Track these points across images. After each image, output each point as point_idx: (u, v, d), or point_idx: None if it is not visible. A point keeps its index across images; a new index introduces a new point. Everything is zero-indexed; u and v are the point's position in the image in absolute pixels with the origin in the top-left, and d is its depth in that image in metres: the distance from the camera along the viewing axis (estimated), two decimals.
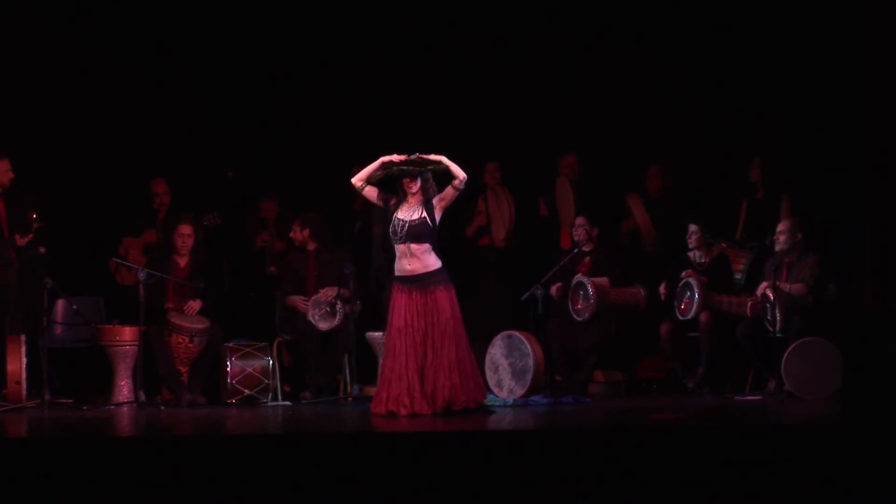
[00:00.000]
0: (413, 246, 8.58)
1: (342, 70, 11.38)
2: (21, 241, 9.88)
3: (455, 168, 8.55)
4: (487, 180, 11.22)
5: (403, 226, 8.59)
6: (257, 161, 11.43)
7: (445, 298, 8.56)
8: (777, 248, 9.84)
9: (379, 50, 11.33)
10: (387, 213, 8.67)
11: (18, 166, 10.02)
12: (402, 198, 8.68)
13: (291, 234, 10.48)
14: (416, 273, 8.57)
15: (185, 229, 10.29)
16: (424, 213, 8.60)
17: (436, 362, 8.49)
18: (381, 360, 8.98)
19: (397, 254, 8.64)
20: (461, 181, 8.54)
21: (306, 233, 10.39)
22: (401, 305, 8.58)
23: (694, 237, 10.18)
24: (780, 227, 9.86)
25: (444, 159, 8.55)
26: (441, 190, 8.65)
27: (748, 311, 9.66)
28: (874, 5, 8.16)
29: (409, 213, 8.61)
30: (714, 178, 11.02)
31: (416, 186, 8.62)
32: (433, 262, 8.63)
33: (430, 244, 8.63)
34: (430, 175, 8.64)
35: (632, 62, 11.21)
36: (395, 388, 8.49)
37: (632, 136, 11.19)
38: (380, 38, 11.30)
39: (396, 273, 8.66)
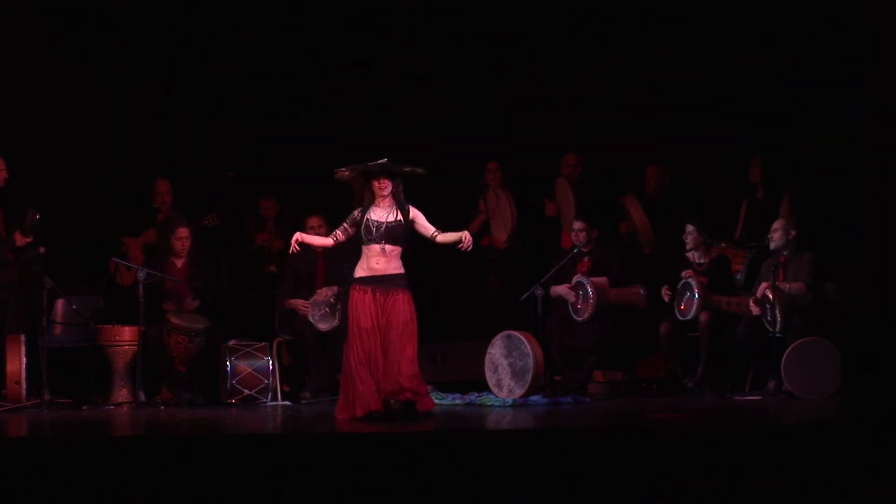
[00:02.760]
0: (388, 247, 8.49)
1: (342, 69, 11.37)
2: (21, 241, 9.87)
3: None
4: (489, 180, 11.21)
5: (380, 226, 8.47)
6: (257, 161, 11.42)
7: (404, 301, 8.46)
8: (771, 245, 9.84)
9: (379, 50, 11.33)
10: (357, 224, 8.57)
11: (18, 166, 10.01)
12: (369, 202, 8.55)
13: (306, 232, 10.41)
14: (380, 273, 8.47)
15: (183, 232, 10.30)
16: (400, 216, 8.51)
17: (396, 358, 8.40)
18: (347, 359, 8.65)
19: (367, 254, 8.51)
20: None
21: (324, 231, 10.35)
22: (365, 306, 8.45)
23: (690, 237, 10.17)
24: (775, 225, 9.86)
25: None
26: (409, 200, 8.57)
27: (750, 309, 9.65)
28: (876, 5, 8.16)
29: (383, 214, 8.49)
30: (714, 178, 11.01)
31: (387, 188, 8.49)
32: (399, 266, 8.53)
33: (403, 248, 8.54)
34: (400, 181, 8.56)
35: (632, 62, 11.21)
36: (364, 389, 8.43)
37: (632, 136, 11.18)
38: (380, 38, 11.30)
39: (359, 274, 8.52)
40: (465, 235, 8.51)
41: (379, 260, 8.47)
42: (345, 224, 8.64)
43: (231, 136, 11.35)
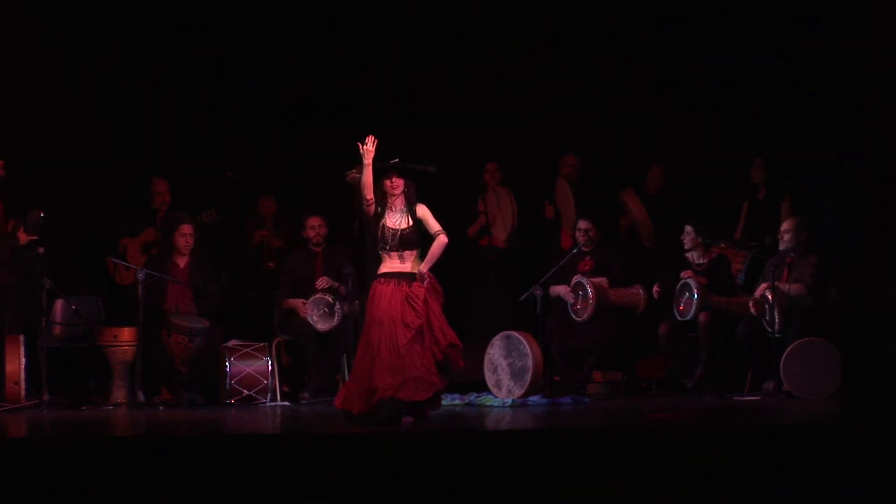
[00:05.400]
0: (406, 253, 8.37)
1: (342, 69, 11.38)
2: (25, 239, 9.86)
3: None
4: (488, 180, 11.22)
5: (395, 234, 8.33)
6: (257, 161, 11.41)
7: (425, 293, 8.27)
8: (781, 246, 9.85)
9: (379, 49, 11.33)
10: (374, 224, 8.38)
11: (22, 165, 10.01)
12: (383, 203, 8.39)
13: (306, 233, 10.43)
14: (403, 271, 8.34)
15: (188, 229, 10.28)
16: (411, 220, 8.37)
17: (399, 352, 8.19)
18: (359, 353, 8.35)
19: (385, 258, 8.37)
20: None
21: (324, 231, 10.36)
22: (385, 295, 8.27)
23: (689, 238, 10.19)
24: (785, 225, 9.86)
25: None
26: (419, 199, 8.46)
27: (749, 308, 9.66)
28: (877, 7, 8.18)
29: (396, 220, 8.35)
30: (715, 179, 11.02)
31: (399, 187, 8.36)
32: (417, 267, 8.35)
33: (418, 250, 8.41)
34: (412, 181, 8.48)
35: (632, 62, 11.21)
36: (390, 378, 8.09)
37: (632, 136, 11.19)
38: (380, 38, 11.30)
39: (382, 271, 8.37)
40: (421, 273, 8.35)
41: (402, 263, 8.35)
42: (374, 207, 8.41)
43: (231, 136, 11.35)
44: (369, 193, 8.36)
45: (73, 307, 10.09)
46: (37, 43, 10.90)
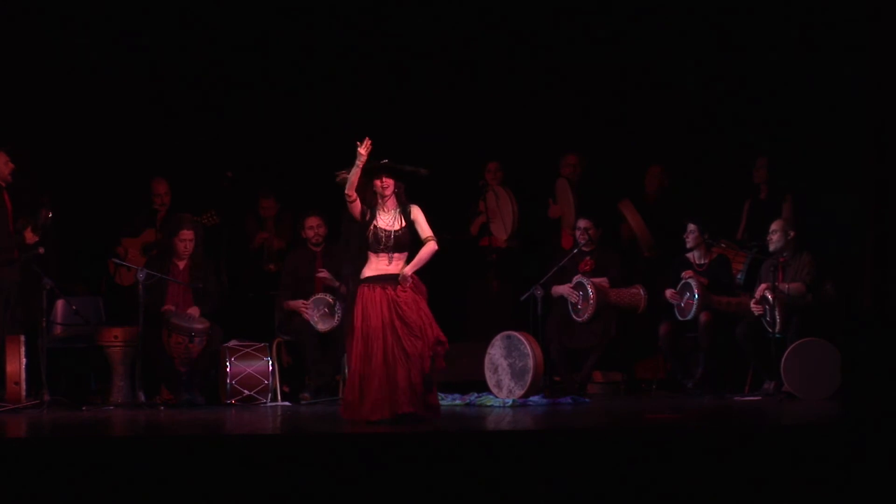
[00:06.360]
0: (396, 255, 8.28)
1: (342, 69, 11.38)
2: (32, 238, 9.85)
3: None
4: (489, 180, 11.22)
5: (389, 236, 8.24)
6: (257, 161, 11.41)
7: (414, 299, 8.24)
8: (770, 247, 9.87)
9: (379, 49, 11.33)
10: (364, 225, 8.30)
11: (26, 164, 10.01)
12: (375, 204, 8.33)
13: (305, 233, 10.42)
14: (390, 273, 8.26)
15: (187, 234, 10.26)
16: (404, 222, 8.31)
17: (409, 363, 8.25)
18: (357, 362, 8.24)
19: (373, 259, 8.27)
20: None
21: (323, 231, 10.36)
22: (374, 303, 8.19)
23: (692, 236, 10.19)
24: (773, 226, 9.90)
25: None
26: (411, 199, 8.42)
27: (752, 309, 9.66)
28: (878, 8, 8.18)
29: (389, 221, 8.28)
30: (716, 179, 11.02)
31: (390, 188, 8.28)
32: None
33: (409, 252, 8.34)
34: (402, 182, 8.39)
35: (633, 62, 11.22)
36: (398, 386, 8.08)
37: (632, 137, 11.18)
38: (380, 38, 11.30)
39: (368, 274, 8.25)
40: (404, 276, 8.27)
41: (389, 266, 8.26)
42: (361, 205, 8.33)
43: (231, 136, 11.35)
44: (350, 190, 8.25)
45: (74, 307, 10.09)
46: (35, 41, 10.91)
